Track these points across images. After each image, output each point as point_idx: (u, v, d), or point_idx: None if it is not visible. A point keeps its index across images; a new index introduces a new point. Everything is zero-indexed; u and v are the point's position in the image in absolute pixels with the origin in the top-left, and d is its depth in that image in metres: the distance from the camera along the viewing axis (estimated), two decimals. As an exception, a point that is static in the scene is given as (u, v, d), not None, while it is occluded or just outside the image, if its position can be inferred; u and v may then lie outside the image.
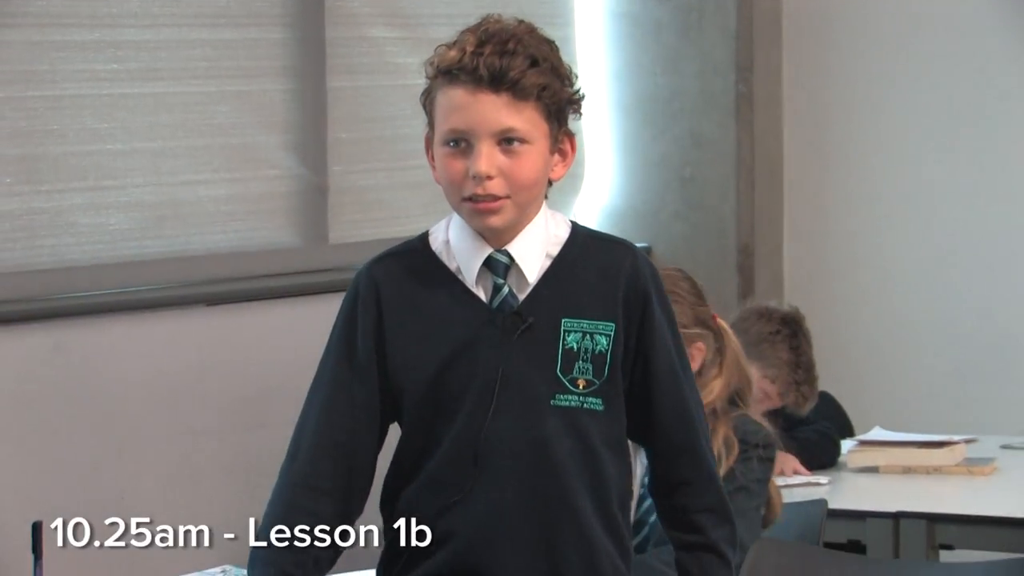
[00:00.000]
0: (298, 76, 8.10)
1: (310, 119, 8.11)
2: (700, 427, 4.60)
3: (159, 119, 7.65)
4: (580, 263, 4.45)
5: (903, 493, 7.34)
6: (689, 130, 9.20)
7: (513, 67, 4.19)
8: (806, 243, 9.46)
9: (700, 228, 9.15)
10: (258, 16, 7.95)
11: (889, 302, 9.32)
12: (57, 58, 7.39)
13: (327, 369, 4.50)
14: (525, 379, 4.35)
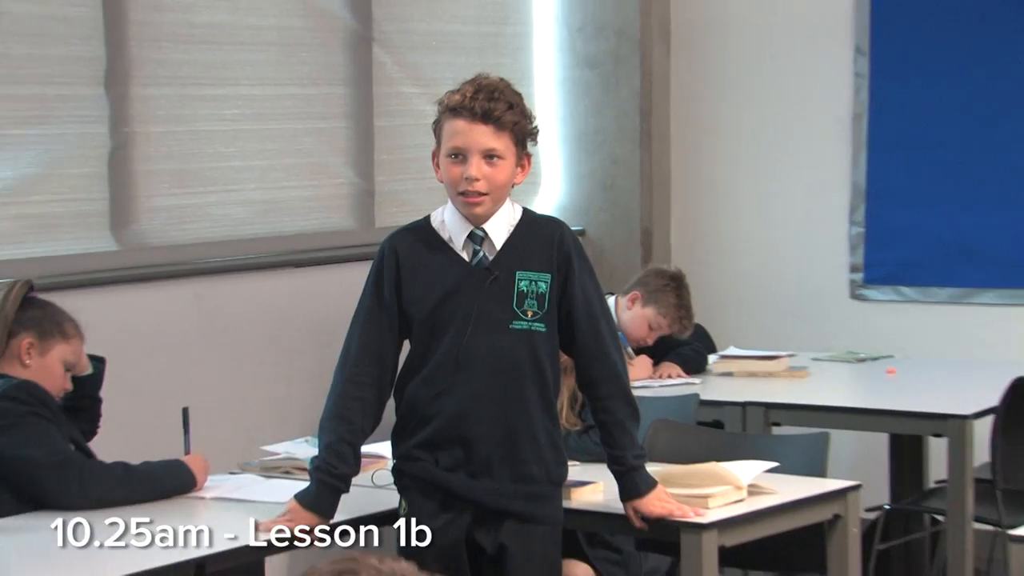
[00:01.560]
0: (355, 118, 8.11)
1: (363, 146, 8.13)
2: (610, 344, 4.94)
3: (264, 146, 7.62)
4: (528, 235, 4.86)
5: (748, 390, 7.31)
6: (609, 154, 9.20)
7: (497, 109, 4.67)
8: (685, 228, 9.41)
9: (617, 218, 9.16)
10: (330, 78, 7.94)
11: (739, 265, 9.25)
12: (197, 105, 7.30)
13: (364, 304, 4.90)
14: (492, 311, 4.75)
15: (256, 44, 7.63)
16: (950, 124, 8.96)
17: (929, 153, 9.00)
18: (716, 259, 9.37)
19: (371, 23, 8.20)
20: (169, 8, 7.16)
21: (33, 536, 4.65)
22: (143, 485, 5.09)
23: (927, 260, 9.05)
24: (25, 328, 5.12)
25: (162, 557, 4.35)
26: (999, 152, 8.85)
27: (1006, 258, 8.84)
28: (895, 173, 9.10)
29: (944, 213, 8.98)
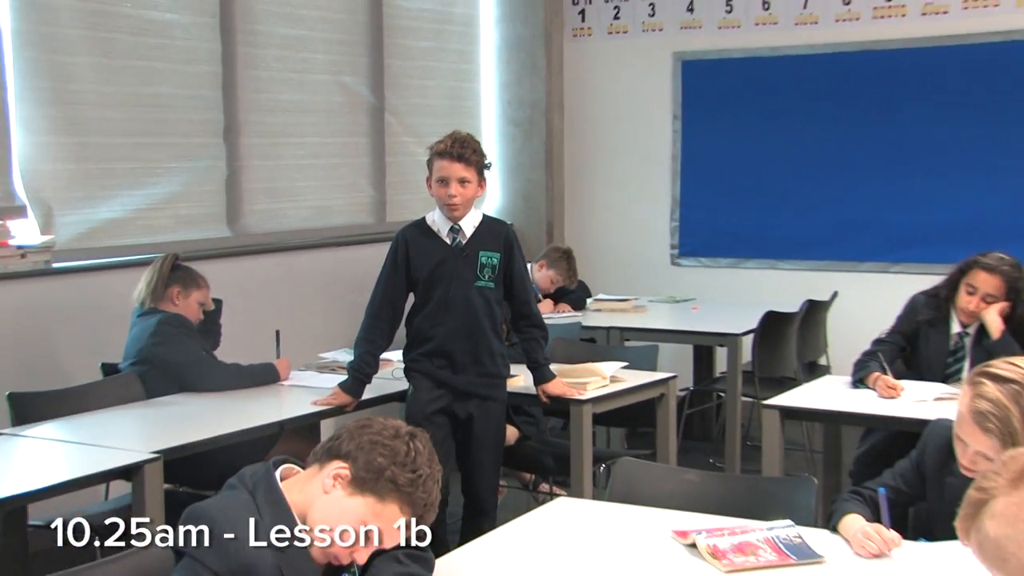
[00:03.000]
0: (373, 156, 8.12)
1: (378, 174, 8.16)
2: (529, 295, 5.14)
3: (318, 173, 7.70)
4: (486, 229, 4.95)
5: (610, 319, 7.35)
6: (527, 179, 9.22)
7: (466, 153, 4.73)
8: (573, 222, 9.41)
9: (531, 217, 9.19)
10: (358, 132, 7.96)
11: (605, 244, 9.28)
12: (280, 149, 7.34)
13: (385, 271, 4.98)
14: (464, 275, 4.87)
15: (314, 111, 7.59)
16: (727, 162, 8.99)
17: (715, 180, 9.04)
18: (592, 241, 9.26)
19: (383, 99, 8.12)
20: (263, 90, 7.17)
21: (178, 408, 4.92)
22: (249, 378, 5.29)
23: (714, 242, 9.13)
24: (174, 282, 5.27)
25: (260, 419, 4.75)
26: (756, 178, 8.88)
27: (761, 240, 8.92)
28: (696, 191, 9.13)
29: (724, 214, 9.03)
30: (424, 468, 2.54)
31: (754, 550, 3.03)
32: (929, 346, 5.37)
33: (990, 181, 8.20)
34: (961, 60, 8.25)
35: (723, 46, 9.02)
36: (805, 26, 8.73)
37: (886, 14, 8.47)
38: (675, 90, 9.16)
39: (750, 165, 9.00)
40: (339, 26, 7.84)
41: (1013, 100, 8.12)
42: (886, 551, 3.03)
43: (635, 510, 3.47)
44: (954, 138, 8.28)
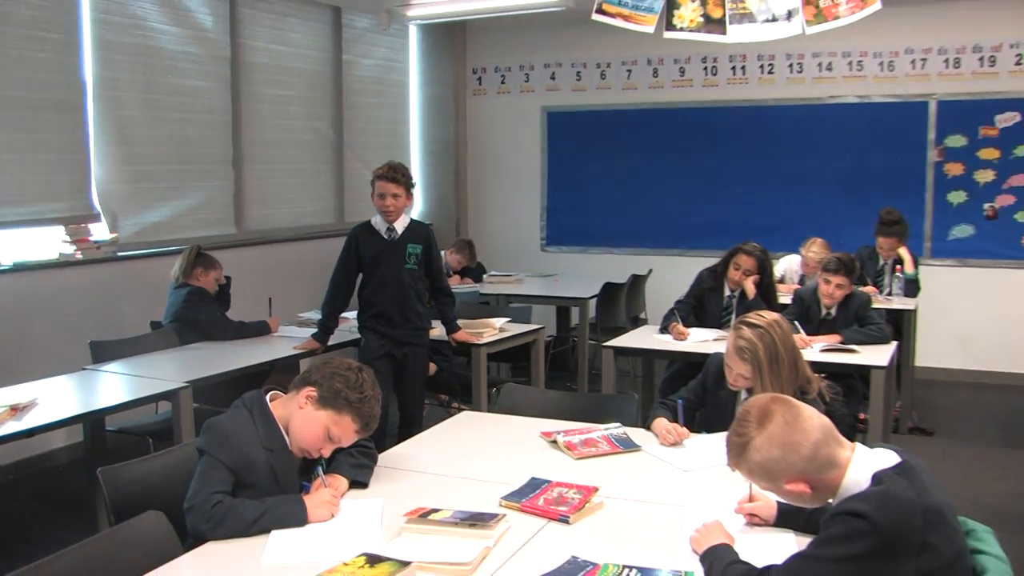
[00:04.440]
0: (335, 177, 8.02)
1: (339, 188, 8.06)
2: (443, 274, 4.93)
3: (297, 191, 7.61)
4: (413, 228, 4.74)
5: (501, 288, 7.33)
6: (442, 193, 9.11)
7: (398, 176, 4.57)
8: (474, 221, 9.31)
9: (445, 218, 9.08)
10: (324, 160, 7.90)
11: (494, 236, 9.13)
12: (275, 173, 7.30)
13: (342, 257, 4.81)
14: (397, 261, 4.75)
15: (294, 146, 7.54)
16: (578, 181, 8.99)
17: (570, 193, 9.04)
18: (486, 234, 9.11)
19: (342, 137, 8.02)
20: (259, 131, 7.09)
21: (201, 352, 4.85)
22: (249, 331, 5.21)
23: (570, 235, 9.12)
24: (198, 264, 5.24)
25: (257, 359, 4.69)
26: (598, 192, 8.91)
27: (602, 234, 8.95)
28: (557, 201, 9.15)
29: (577, 217, 9.02)
30: (368, 391, 2.56)
31: (595, 443, 3.07)
32: (711, 304, 5.47)
33: (747, 196, 8.54)
34: (730, 116, 8.58)
35: (575, 102, 9.13)
36: (630, 90, 8.95)
37: (681, 84, 8.79)
38: (543, 131, 9.26)
39: (594, 183, 9.08)
40: (312, 88, 7.83)
41: (761, 144, 8.49)
42: (679, 440, 3.11)
43: (516, 419, 3.47)
44: (726, 168, 8.62)
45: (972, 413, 7.00)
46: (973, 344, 7.99)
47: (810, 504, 2.01)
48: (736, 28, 4.65)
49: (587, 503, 2.46)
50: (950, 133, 7.91)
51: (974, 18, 7.72)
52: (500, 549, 2.20)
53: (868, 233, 6.76)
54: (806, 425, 1.94)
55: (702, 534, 2.17)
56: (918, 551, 1.74)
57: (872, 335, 5.03)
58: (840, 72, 8.19)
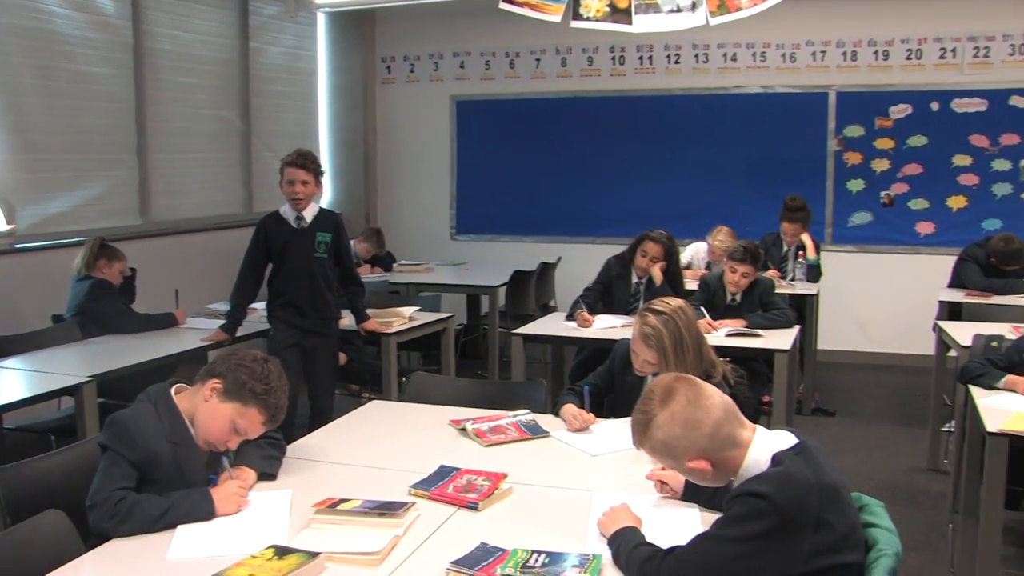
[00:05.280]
0: (243, 167, 7.89)
1: (247, 178, 7.92)
2: (352, 263, 4.90)
3: (207, 180, 7.48)
4: (322, 217, 4.72)
5: (410, 277, 7.32)
6: (351, 181, 9.02)
7: (306, 163, 4.53)
8: (383, 212, 9.25)
9: (355, 207, 9.00)
10: (233, 149, 7.78)
11: (403, 226, 9.09)
12: (178, 163, 7.13)
13: (250, 247, 4.78)
14: (306, 249, 4.74)
15: (201, 136, 7.39)
16: (488, 169, 9.03)
17: (480, 182, 9.07)
18: (396, 223, 9.07)
19: (250, 126, 7.89)
20: (165, 120, 6.93)
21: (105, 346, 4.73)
22: (155, 323, 5.12)
23: (480, 224, 9.16)
24: (101, 256, 5.13)
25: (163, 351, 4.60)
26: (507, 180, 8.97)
27: (511, 222, 9.01)
28: (467, 189, 9.17)
29: (486, 205, 9.06)
30: (275, 382, 2.52)
31: (504, 430, 3.08)
32: (619, 291, 5.52)
33: (654, 184, 8.68)
34: (637, 106, 8.70)
35: (484, 91, 9.16)
36: (538, 80, 9.00)
37: (589, 73, 8.86)
38: (452, 120, 9.28)
39: (504, 171, 9.14)
40: (219, 76, 7.66)
41: (668, 133, 8.63)
42: (587, 426, 3.13)
43: (425, 407, 3.46)
44: (634, 156, 8.75)
45: (870, 393, 7.22)
46: (871, 327, 8.26)
47: (711, 483, 2.06)
48: (642, 18, 4.73)
49: (496, 489, 2.47)
50: (848, 123, 8.16)
51: (869, 13, 7.99)
52: (409, 537, 2.20)
53: (772, 220, 6.93)
54: (708, 404, 1.98)
55: (609, 517, 2.19)
56: (814, 528, 1.81)
57: (776, 320, 5.13)
58: (744, 63, 8.36)
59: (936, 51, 7.89)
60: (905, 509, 4.75)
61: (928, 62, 7.91)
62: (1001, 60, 7.76)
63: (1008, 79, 7.75)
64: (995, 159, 7.85)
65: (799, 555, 1.79)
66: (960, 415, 4.30)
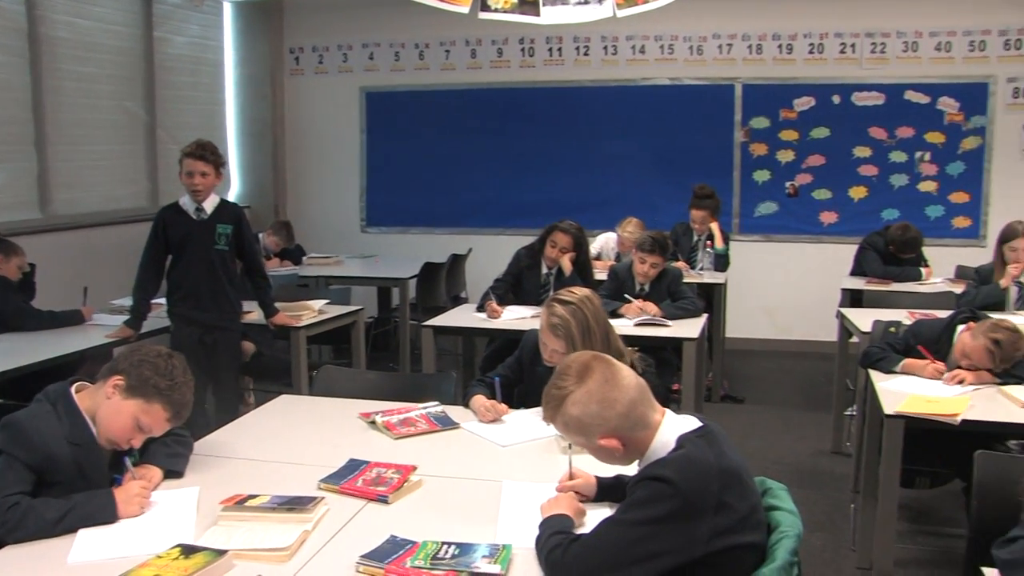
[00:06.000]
0: (149, 159, 7.73)
1: (152, 171, 7.79)
2: (259, 255, 4.89)
3: (110, 172, 7.30)
4: (223, 208, 4.67)
5: (320, 270, 7.26)
6: (259, 173, 8.94)
7: (206, 154, 4.49)
8: (292, 202, 9.15)
9: (263, 199, 8.93)
10: (138, 141, 7.62)
11: (313, 218, 9.05)
12: (79, 155, 6.95)
13: (149, 240, 4.70)
14: (206, 241, 4.66)
15: (103, 127, 7.21)
16: (398, 161, 8.99)
17: (390, 173, 9.03)
18: (306, 216, 8.99)
19: (155, 117, 7.74)
20: (65, 111, 6.75)
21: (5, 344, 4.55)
22: (58, 321, 4.99)
23: (390, 216, 9.12)
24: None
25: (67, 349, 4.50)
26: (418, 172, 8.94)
27: (421, 214, 9.00)
28: (377, 181, 9.12)
29: (396, 197, 9.01)
30: (179, 377, 2.48)
31: (414, 422, 3.08)
32: (528, 282, 5.56)
33: (564, 175, 8.75)
34: (547, 97, 8.75)
35: (394, 83, 9.11)
36: (448, 71, 9.00)
37: (499, 65, 8.89)
38: (361, 112, 9.22)
39: (414, 163, 9.12)
40: (121, 66, 7.49)
41: (578, 125, 8.70)
42: (497, 417, 3.15)
43: (335, 401, 3.43)
44: (544, 148, 8.81)
45: (777, 380, 7.42)
46: (778, 315, 8.47)
47: (619, 462, 2.09)
48: (549, 10, 4.75)
49: (405, 482, 2.47)
50: (754, 115, 8.36)
51: (773, 8, 8.21)
52: (319, 532, 2.19)
53: (681, 210, 7.05)
54: (623, 383, 2.02)
55: (550, 503, 2.21)
56: (715, 510, 1.85)
57: (685, 309, 5.22)
58: (652, 55, 8.48)
59: (837, 46, 8.12)
60: (810, 491, 4.89)
61: (829, 56, 8.14)
62: (896, 56, 8.04)
63: (903, 74, 8.02)
64: (892, 151, 8.13)
65: (700, 537, 1.83)
66: (861, 399, 4.43)
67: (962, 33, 7.91)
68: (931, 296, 5.83)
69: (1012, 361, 3.64)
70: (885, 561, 3.47)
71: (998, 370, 3.65)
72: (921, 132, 8.06)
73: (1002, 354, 3.62)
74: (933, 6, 7.94)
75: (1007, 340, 3.62)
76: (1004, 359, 3.64)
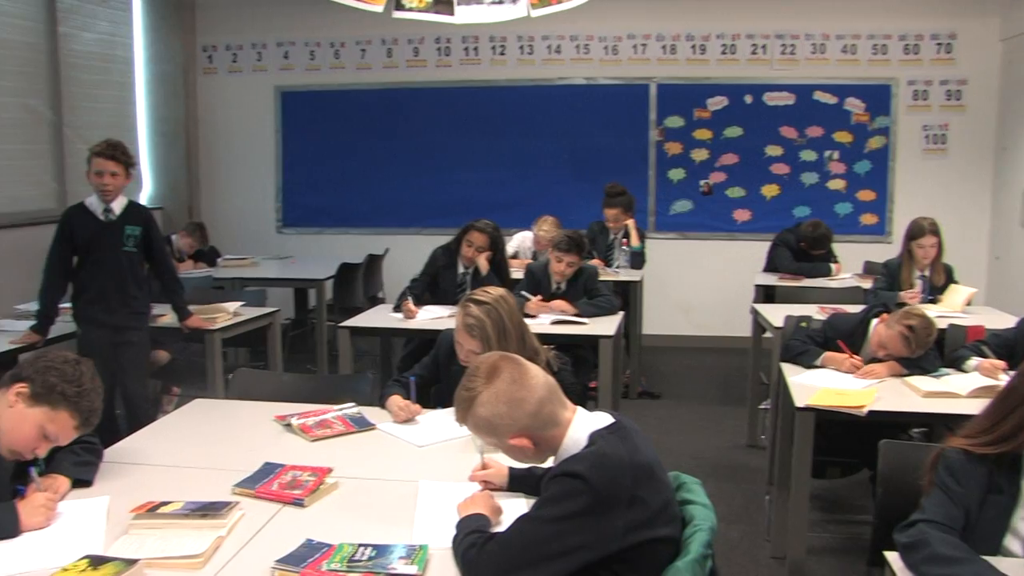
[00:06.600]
0: (55, 159, 7.51)
1: (60, 171, 7.53)
2: (168, 258, 4.84)
3: (18, 173, 7.09)
4: (131, 209, 4.60)
5: (235, 272, 7.18)
6: (172, 174, 8.74)
7: (116, 153, 4.39)
8: (207, 203, 9.02)
9: (177, 201, 8.76)
10: (43, 141, 7.39)
11: (228, 217, 8.93)
12: None
13: (55, 241, 4.62)
14: (114, 243, 4.58)
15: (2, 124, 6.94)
16: (314, 161, 8.91)
17: (306, 173, 8.95)
18: (221, 217, 8.90)
19: (62, 116, 7.51)
20: None
21: None
22: None
23: (306, 217, 9.05)
24: None
25: None
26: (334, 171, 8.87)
27: (338, 214, 8.93)
28: (293, 182, 9.02)
29: (313, 197, 8.94)
30: (87, 383, 2.43)
31: (330, 424, 3.07)
32: (445, 281, 5.57)
33: (481, 175, 8.78)
34: (464, 96, 8.77)
35: (309, 82, 9.03)
36: (364, 70, 8.97)
37: (416, 64, 8.89)
38: (276, 111, 9.12)
39: (330, 163, 9.06)
40: (24, 62, 7.26)
41: (495, 124, 8.73)
42: (412, 417, 3.16)
43: (251, 404, 3.40)
44: (460, 147, 8.82)
45: (694, 375, 7.52)
46: (694, 311, 8.62)
47: (532, 460, 2.12)
48: (464, 9, 4.75)
49: (321, 484, 2.46)
50: (669, 114, 8.49)
51: (686, 9, 8.36)
52: (233, 538, 2.16)
53: (597, 209, 7.13)
54: (532, 383, 2.04)
55: (466, 502, 2.22)
56: (628, 504, 1.87)
57: (601, 307, 5.26)
58: (568, 55, 8.55)
59: (748, 47, 8.30)
60: (726, 484, 4.98)
61: (742, 57, 8.32)
62: (806, 57, 8.27)
63: (812, 75, 8.25)
64: (803, 150, 8.34)
65: (614, 531, 1.85)
66: (775, 393, 4.52)
67: (866, 37, 8.19)
68: (841, 291, 5.97)
69: (926, 346, 3.80)
70: (798, 550, 3.56)
71: (914, 356, 3.79)
72: (830, 132, 8.28)
73: (917, 339, 3.75)
74: (839, 10, 8.17)
75: (920, 326, 3.76)
76: (919, 344, 3.76)
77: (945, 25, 8.09)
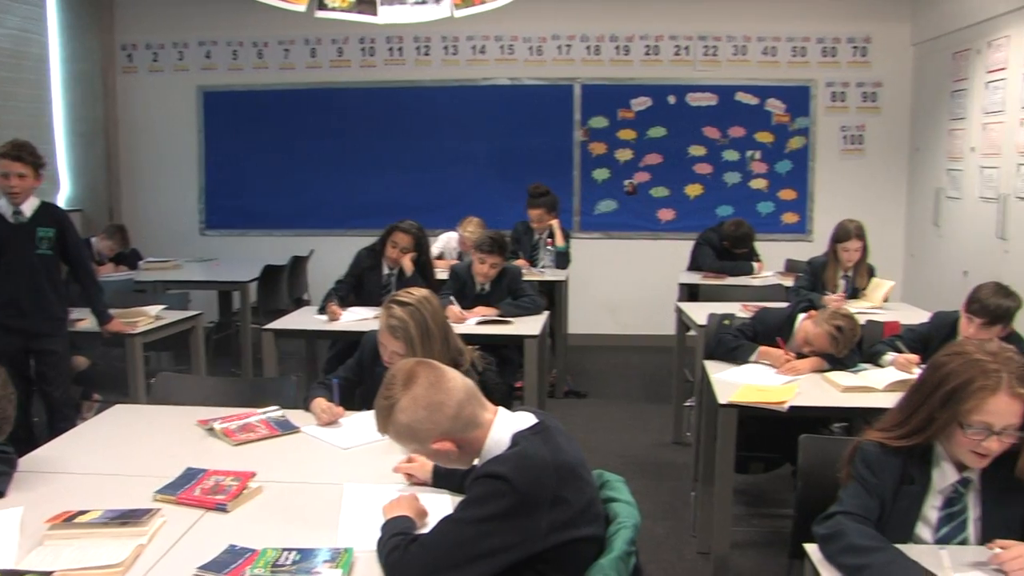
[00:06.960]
0: None
1: None
2: (86, 259, 4.70)
3: None
4: (42, 211, 4.47)
5: (158, 275, 7.02)
6: (91, 175, 8.53)
7: (23, 154, 4.30)
8: (127, 205, 8.88)
9: (96, 202, 8.54)
10: None
11: (150, 219, 8.78)
12: None
13: None
14: (26, 246, 4.43)
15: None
16: (237, 162, 8.82)
17: (229, 175, 8.85)
18: (142, 219, 8.75)
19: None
20: None
21: None
22: None
23: (230, 219, 8.93)
24: None
25: None
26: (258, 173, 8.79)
27: (262, 216, 8.86)
28: (216, 183, 8.91)
29: (236, 199, 8.84)
30: (-1, 391, 2.36)
31: (253, 428, 3.04)
32: (370, 283, 5.56)
33: (406, 175, 8.76)
34: (388, 97, 8.75)
35: (232, 82, 8.93)
36: (288, 70, 8.90)
37: (340, 64, 8.83)
38: (199, 112, 8.99)
39: (254, 164, 8.97)
40: (-68, 61, 7.07)
41: (419, 125, 8.72)
42: (336, 419, 3.14)
43: (173, 409, 3.34)
44: (385, 148, 8.80)
45: (620, 374, 7.58)
46: (619, 310, 8.72)
47: (457, 464, 2.10)
48: (387, 9, 4.75)
49: (244, 489, 2.44)
50: (593, 115, 8.57)
51: (610, 10, 8.45)
52: (154, 545, 2.13)
53: (522, 209, 7.15)
54: (449, 386, 2.03)
55: (391, 505, 2.21)
56: (551, 505, 1.88)
57: (525, 307, 5.29)
58: (493, 55, 8.58)
59: (672, 48, 8.42)
60: (652, 481, 5.03)
61: (665, 58, 8.44)
62: (727, 59, 8.42)
63: (733, 76, 8.42)
64: (725, 150, 8.49)
65: (538, 532, 1.87)
66: (699, 390, 4.58)
67: (786, 39, 8.37)
68: (763, 289, 6.08)
69: (851, 346, 3.90)
70: (722, 544, 3.62)
71: (840, 355, 3.89)
72: (751, 132, 8.44)
73: (844, 339, 3.85)
74: (760, 13, 8.35)
75: (847, 326, 3.86)
76: (846, 345, 3.87)
77: (861, 29, 8.30)
